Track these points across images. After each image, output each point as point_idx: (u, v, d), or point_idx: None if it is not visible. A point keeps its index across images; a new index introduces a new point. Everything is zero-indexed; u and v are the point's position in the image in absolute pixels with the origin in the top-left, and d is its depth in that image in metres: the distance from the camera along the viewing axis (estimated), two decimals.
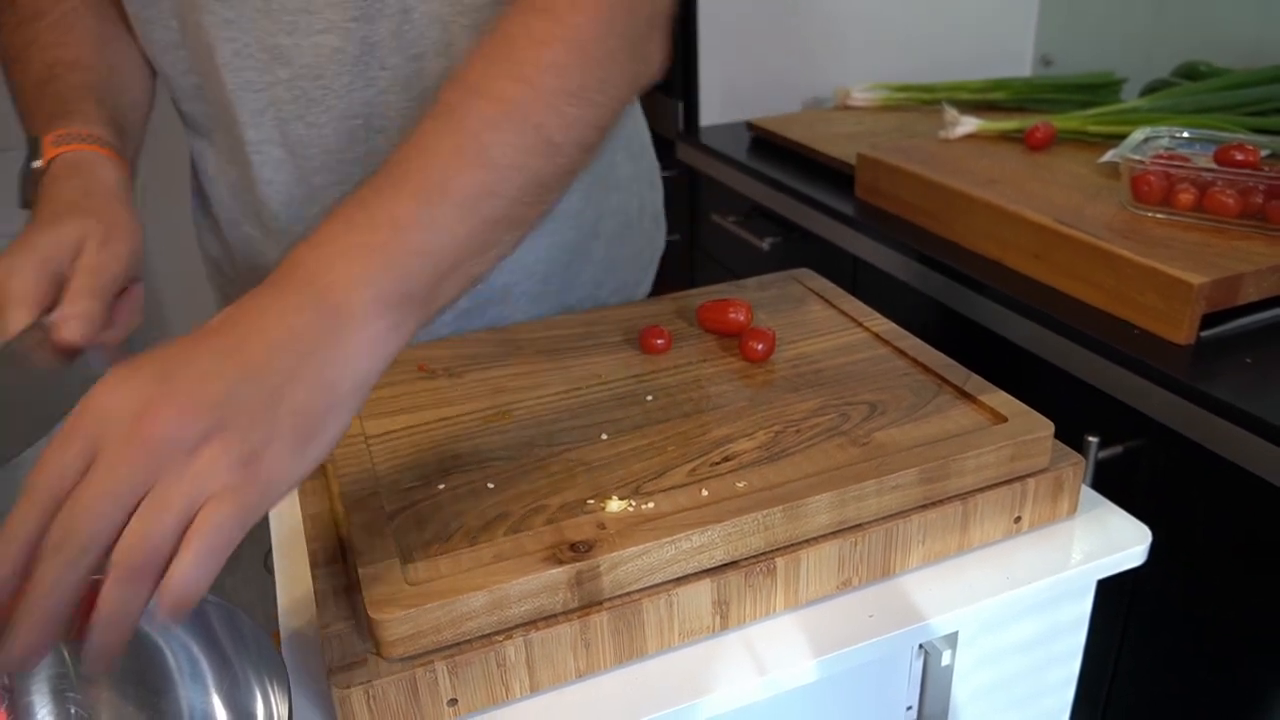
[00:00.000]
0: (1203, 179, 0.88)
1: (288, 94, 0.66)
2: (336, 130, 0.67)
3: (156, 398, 0.36)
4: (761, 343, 0.65)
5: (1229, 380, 0.74)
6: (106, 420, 0.36)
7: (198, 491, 0.36)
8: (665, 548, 0.47)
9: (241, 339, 0.39)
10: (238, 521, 0.37)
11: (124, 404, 0.36)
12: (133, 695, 0.47)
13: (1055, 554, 0.55)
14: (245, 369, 0.38)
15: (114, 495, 0.35)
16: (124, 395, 0.37)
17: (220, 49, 0.64)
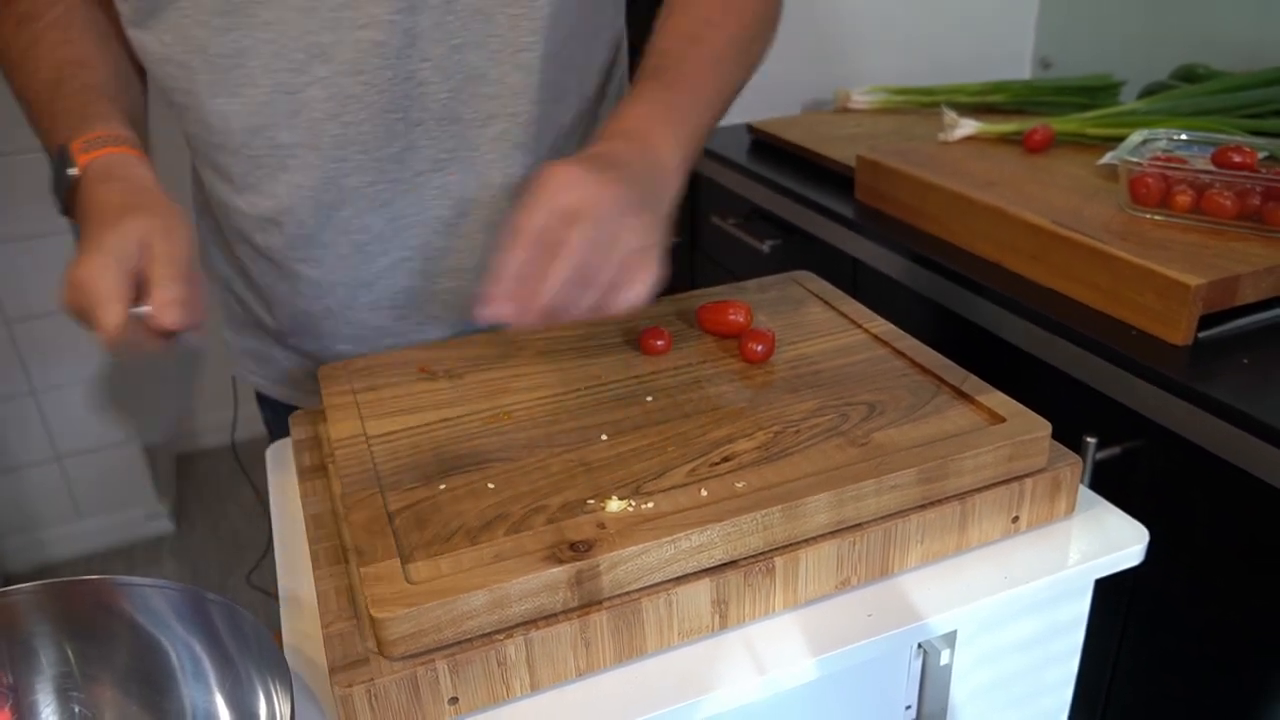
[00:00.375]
0: (1200, 181, 0.89)
1: (323, 93, 0.65)
2: (375, 126, 0.67)
3: (605, 180, 0.55)
4: (761, 344, 0.65)
5: (1226, 381, 0.75)
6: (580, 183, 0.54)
7: (632, 244, 0.55)
8: (665, 547, 0.48)
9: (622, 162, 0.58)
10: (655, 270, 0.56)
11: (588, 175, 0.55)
12: (136, 694, 0.47)
13: (1053, 554, 0.56)
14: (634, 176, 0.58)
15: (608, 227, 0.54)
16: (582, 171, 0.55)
17: (258, 51, 0.64)
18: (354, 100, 0.66)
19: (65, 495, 1.99)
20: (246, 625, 0.46)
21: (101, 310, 0.54)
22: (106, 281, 0.55)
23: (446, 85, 0.67)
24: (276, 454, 0.70)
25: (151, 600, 0.46)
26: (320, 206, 0.70)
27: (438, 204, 0.71)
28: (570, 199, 0.54)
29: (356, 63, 0.64)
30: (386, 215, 0.71)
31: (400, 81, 0.66)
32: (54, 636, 0.47)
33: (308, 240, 0.71)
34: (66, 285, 0.56)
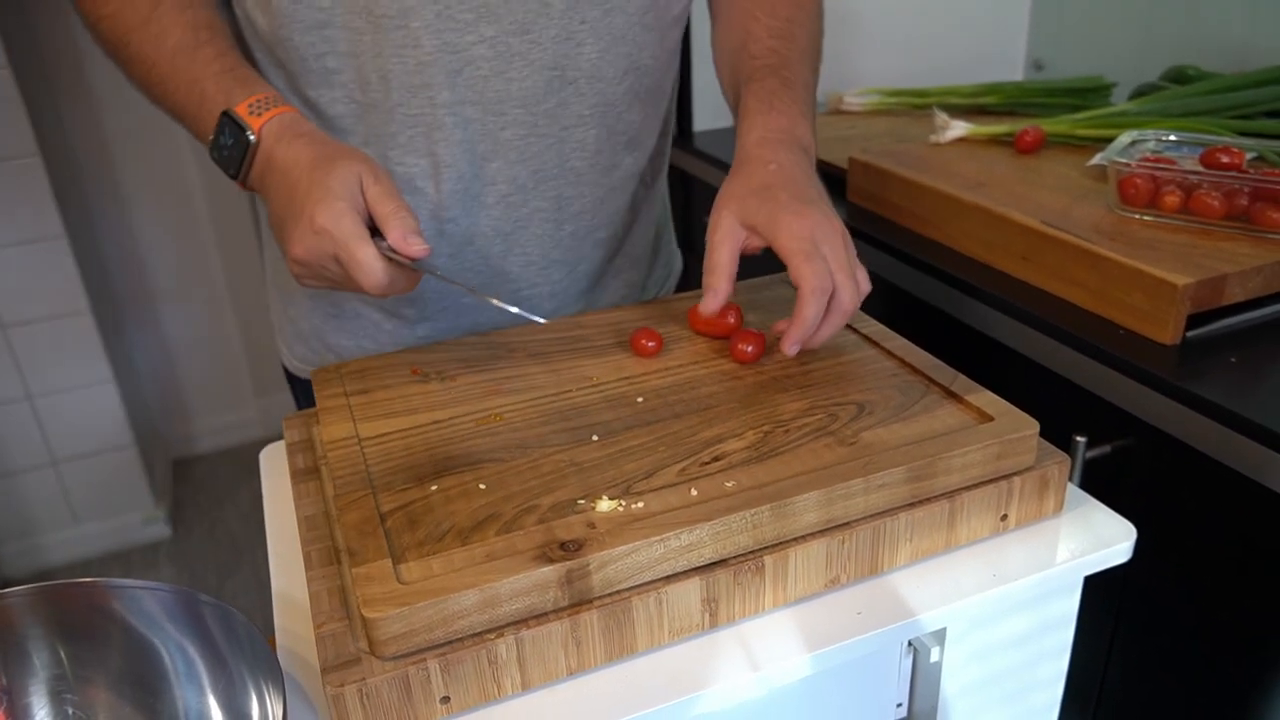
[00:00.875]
0: (1189, 181, 0.89)
1: (490, 51, 0.69)
2: (534, 83, 0.71)
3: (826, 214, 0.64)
4: (751, 344, 0.66)
5: (1214, 380, 0.75)
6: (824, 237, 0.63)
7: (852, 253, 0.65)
8: (654, 546, 0.48)
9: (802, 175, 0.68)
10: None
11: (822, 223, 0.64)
12: (129, 695, 0.47)
13: (1042, 551, 0.56)
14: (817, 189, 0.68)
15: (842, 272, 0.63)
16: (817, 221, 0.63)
17: (421, 12, 0.66)
18: (519, 58, 0.70)
19: (62, 500, 1.99)
20: (239, 626, 0.46)
21: (357, 249, 0.58)
22: (348, 225, 0.59)
23: (598, 45, 0.72)
24: (270, 456, 0.70)
25: (144, 602, 0.47)
26: (475, 159, 0.74)
27: (575, 156, 0.77)
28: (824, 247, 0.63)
29: (524, 22, 0.69)
30: (533, 167, 0.76)
31: (561, 40, 0.71)
32: (47, 639, 0.47)
33: (457, 193, 0.75)
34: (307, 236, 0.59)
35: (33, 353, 1.84)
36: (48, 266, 1.79)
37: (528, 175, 0.76)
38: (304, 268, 0.62)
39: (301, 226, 0.60)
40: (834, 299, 0.62)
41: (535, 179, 0.76)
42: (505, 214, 0.77)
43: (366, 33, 0.68)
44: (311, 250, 0.60)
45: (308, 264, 0.61)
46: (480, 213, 0.76)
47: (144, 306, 2.19)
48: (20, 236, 1.76)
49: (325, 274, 0.62)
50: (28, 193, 1.74)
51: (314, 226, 0.59)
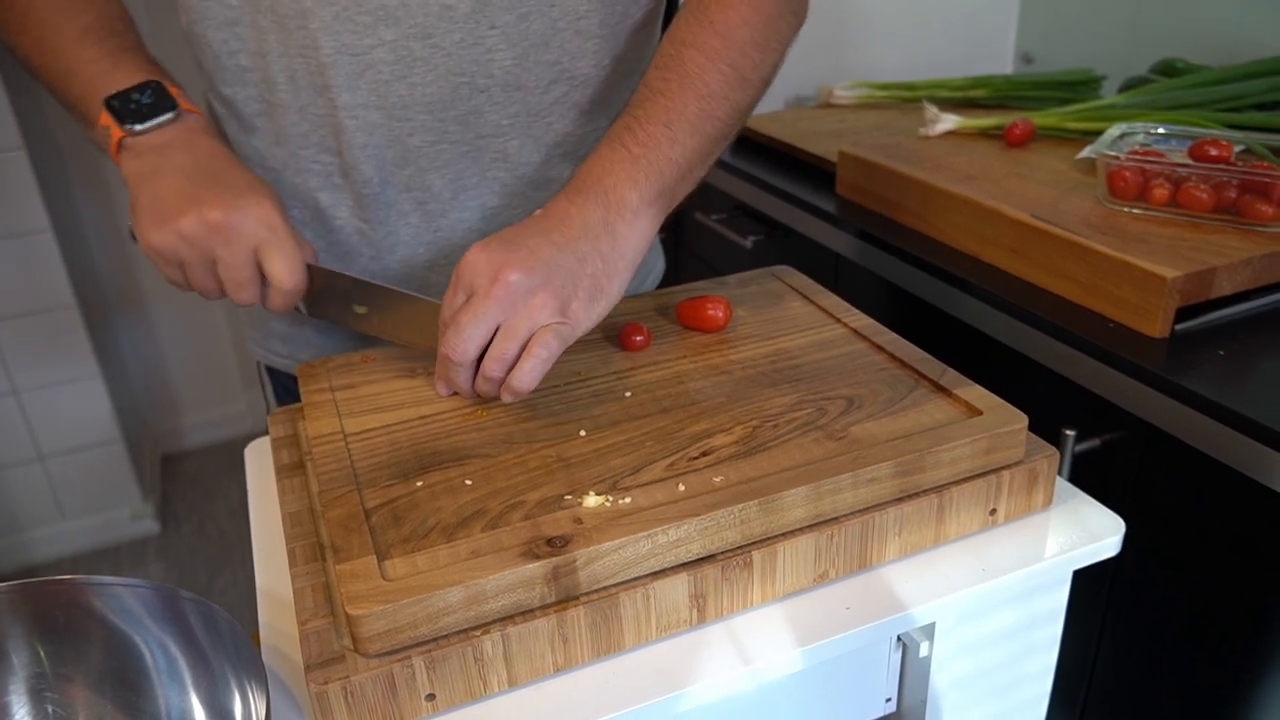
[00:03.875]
0: (1177, 174, 0.89)
1: (391, 55, 0.67)
2: (440, 89, 0.69)
3: (507, 262, 0.55)
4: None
5: (1203, 373, 0.75)
6: (474, 277, 0.56)
7: (532, 325, 0.55)
8: (642, 542, 0.48)
9: (555, 225, 0.58)
10: (558, 346, 0.55)
11: (485, 267, 0.55)
12: (110, 694, 0.47)
13: (1031, 545, 0.56)
14: (559, 245, 0.57)
15: (480, 327, 0.55)
16: (484, 261, 0.56)
17: (319, 13, 0.65)
18: (421, 63, 0.68)
19: (49, 496, 1.97)
20: (221, 624, 0.46)
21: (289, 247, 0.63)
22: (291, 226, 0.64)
23: (512, 53, 0.69)
24: (256, 452, 0.69)
25: (125, 600, 0.46)
26: (384, 164, 0.72)
27: (497, 166, 0.74)
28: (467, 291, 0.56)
29: (425, 26, 0.67)
30: (449, 175, 0.73)
31: (468, 46, 0.68)
32: (26, 638, 0.46)
33: (374, 199, 0.73)
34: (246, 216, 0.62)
35: (19, 347, 1.83)
36: (33, 261, 1.77)
37: (444, 184, 0.74)
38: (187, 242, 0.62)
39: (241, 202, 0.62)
40: None
41: (454, 189, 0.74)
42: (425, 223, 0.75)
43: (271, 32, 0.67)
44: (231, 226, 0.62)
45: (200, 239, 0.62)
46: (399, 220, 0.75)
47: (131, 300, 2.18)
48: (5, 230, 1.74)
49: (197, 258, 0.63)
50: (12, 186, 1.72)
51: (257, 213, 0.62)
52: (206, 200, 0.62)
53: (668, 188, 0.62)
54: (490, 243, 0.57)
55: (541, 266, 0.55)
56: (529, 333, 0.55)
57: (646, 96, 0.64)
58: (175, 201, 0.62)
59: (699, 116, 0.63)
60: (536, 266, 0.55)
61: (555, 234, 0.57)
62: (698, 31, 0.65)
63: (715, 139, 0.65)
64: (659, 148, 0.61)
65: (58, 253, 1.78)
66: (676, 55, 0.65)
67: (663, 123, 0.62)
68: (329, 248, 0.77)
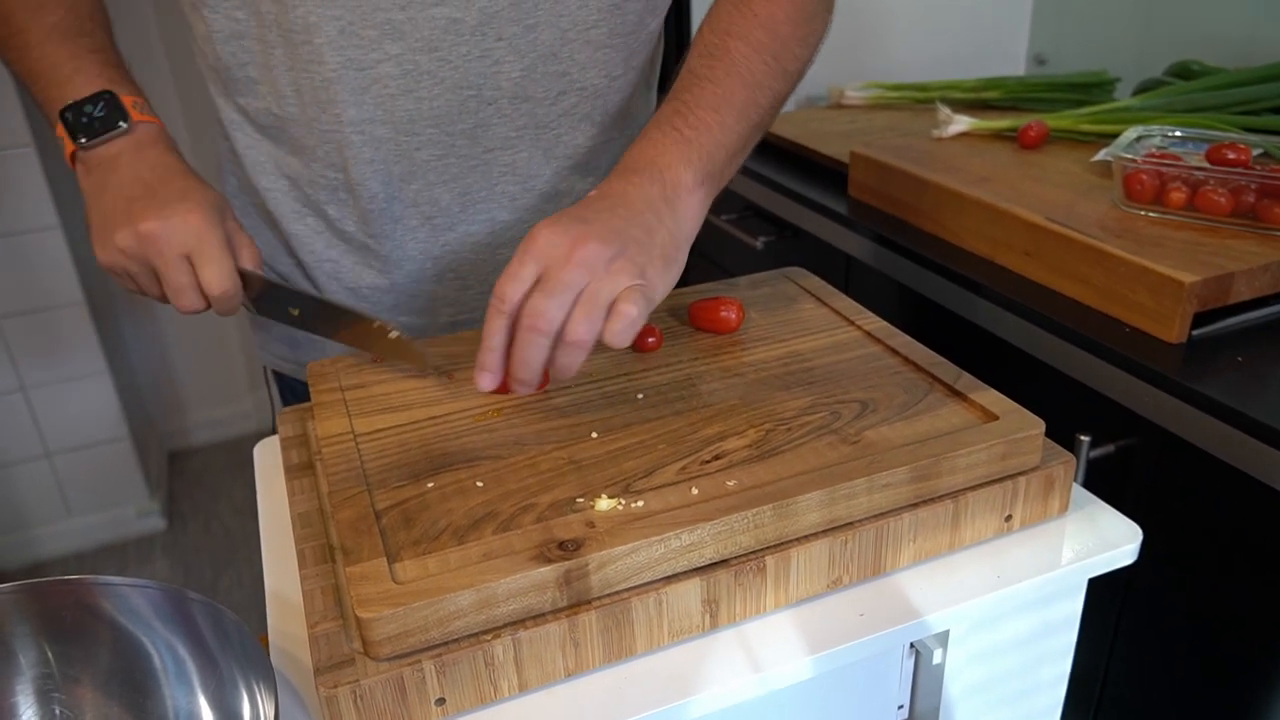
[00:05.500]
0: (1194, 178, 0.88)
1: (397, 69, 0.67)
2: (448, 102, 0.69)
3: (583, 234, 0.54)
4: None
5: (1220, 379, 0.74)
6: (550, 250, 0.54)
7: (613, 291, 0.54)
8: (654, 546, 0.47)
9: (618, 202, 0.58)
10: (645, 306, 0.54)
11: (561, 239, 0.54)
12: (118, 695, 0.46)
13: (1046, 552, 0.55)
14: (627, 219, 0.57)
15: (566, 295, 0.53)
16: (558, 234, 0.54)
17: (324, 28, 0.65)
18: (428, 76, 0.67)
19: (56, 493, 1.98)
20: (229, 625, 0.45)
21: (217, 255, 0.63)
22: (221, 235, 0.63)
23: (520, 64, 0.69)
24: (265, 451, 0.69)
25: (133, 600, 0.46)
26: (391, 179, 0.71)
27: (505, 179, 0.73)
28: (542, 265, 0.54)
29: (431, 39, 0.66)
30: (456, 189, 0.73)
31: (475, 59, 0.67)
32: (34, 638, 0.46)
33: (380, 214, 0.73)
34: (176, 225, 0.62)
35: (27, 344, 1.83)
36: (42, 257, 1.77)
37: (452, 198, 0.73)
38: (126, 256, 0.63)
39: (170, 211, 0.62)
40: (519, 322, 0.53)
41: (462, 202, 0.73)
42: (432, 237, 0.74)
43: (278, 46, 0.67)
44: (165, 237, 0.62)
45: (137, 252, 0.63)
46: (405, 235, 0.74)
47: (138, 298, 2.18)
48: (14, 227, 1.75)
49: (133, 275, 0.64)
50: (21, 183, 1.72)
51: (188, 221, 0.62)
52: (138, 213, 0.63)
53: (716, 170, 0.64)
54: (559, 219, 0.55)
55: (616, 237, 0.55)
56: (612, 296, 0.53)
57: (693, 82, 0.65)
58: (115, 216, 0.64)
59: (745, 104, 0.65)
60: (612, 238, 0.55)
61: (621, 209, 0.57)
62: (741, 22, 0.67)
63: (758, 126, 0.67)
64: (710, 132, 0.63)
65: (66, 250, 1.78)
66: (721, 45, 0.66)
67: (712, 108, 0.64)
68: (340, 258, 0.77)
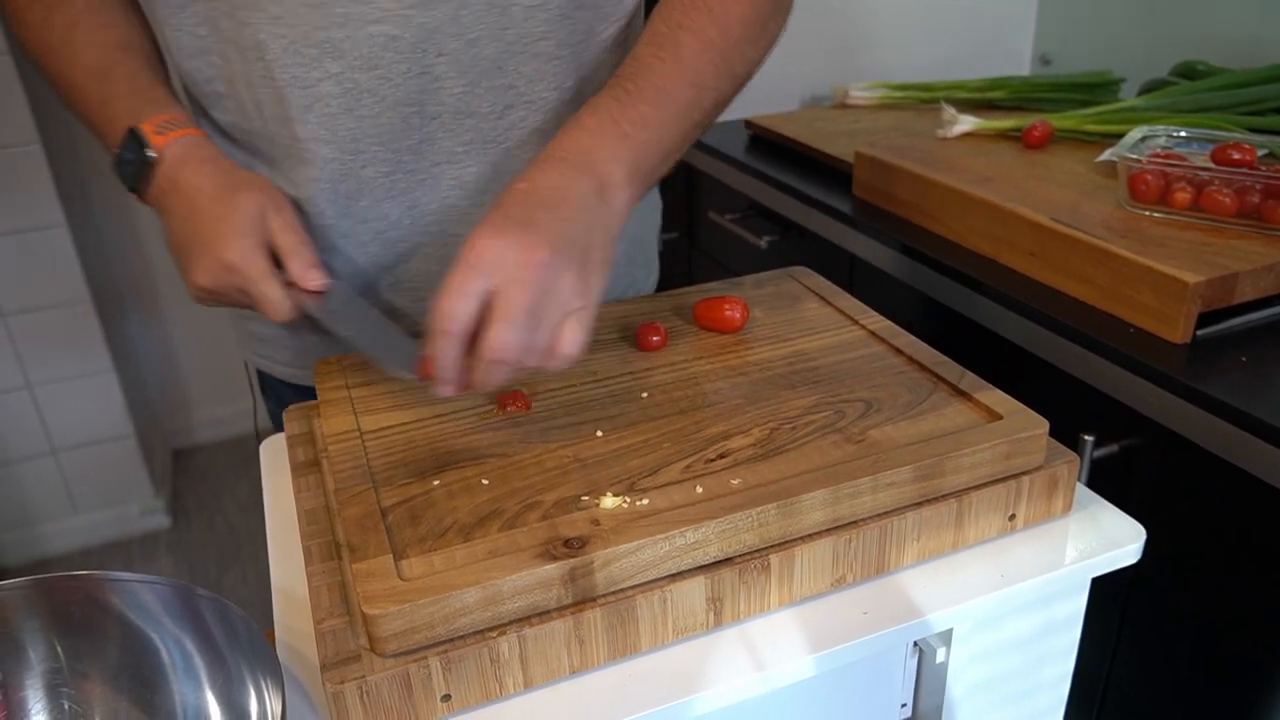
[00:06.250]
0: (1199, 178, 0.88)
1: (337, 88, 0.66)
2: (390, 120, 0.68)
3: (532, 244, 0.51)
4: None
5: (1225, 379, 0.75)
6: (498, 263, 0.50)
7: (563, 313, 0.52)
8: (659, 544, 0.47)
9: (558, 199, 0.54)
10: (585, 335, 0.53)
11: (509, 250, 0.51)
12: (126, 690, 0.47)
13: (1050, 552, 0.55)
14: (569, 220, 0.54)
15: (526, 323, 0.50)
16: (505, 244, 0.51)
17: (270, 46, 0.64)
18: (368, 94, 0.66)
19: (61, 490, 1.98)
20: (237, 621, 0.46)
21: (265, 287, 0.61)
22: (257, 263, 0.61)
23: (462, 80, 0.67)
24: (271, 449, 0.69)
25: (142, 596, 0.46)
26: (338, 197, 0.71)
27: (454, 193, 0.72)
28: (493, 280, 0.51)
29: (370, 57, 0.65)
30: (404, 204, 0.72)
31: (415, 76, 0.66)
32: (44, 633, 0.46)
33: (330, 230, 0.72)
34: (214, 269, 0.61)
35: (33, 342, 1.83)
36: (48, 255, 1.78)
37: (401, 211, 0.72)
38: (208, 294, 0.64)
39: (208, 259, 0.61)
40: (478, 344, 0.51)
41: (411, 215, 0.73)
42: (384, 249, 0.74)
43: (237, 62, 0.67)
44: (219, 283, 0.62)
45: (213, 292, 0.63)
46: (356, 249, 0.74)
47: (144, 296, 2.18)
48: (20, 225, 1.75)
49: (229, 301, 0.64)
50: (28, 181, 1.73)
51: (223, 262, 0.61)
52: (189, 263, 0.63)
53: (648, 169, 0.61)
54: (502, 225, 0.52)
55: (564, 246, 0.52)
56: (561, 318, 0.52)
57: (638, 71, 0.62)
58: (179, 262, 0.65)
59: (687, 104, 0.62)
60: (560, 246, 0.52)
61: (562, 209, 0.54)
62: (695, 16, 0.64)
63: (697, 127, 0.64)
64: (648, 128, 0.60)
65: (72, 248, 1.79)
66: (671, 37, 0.63)
67: (653, 104, 0.61)
68: None
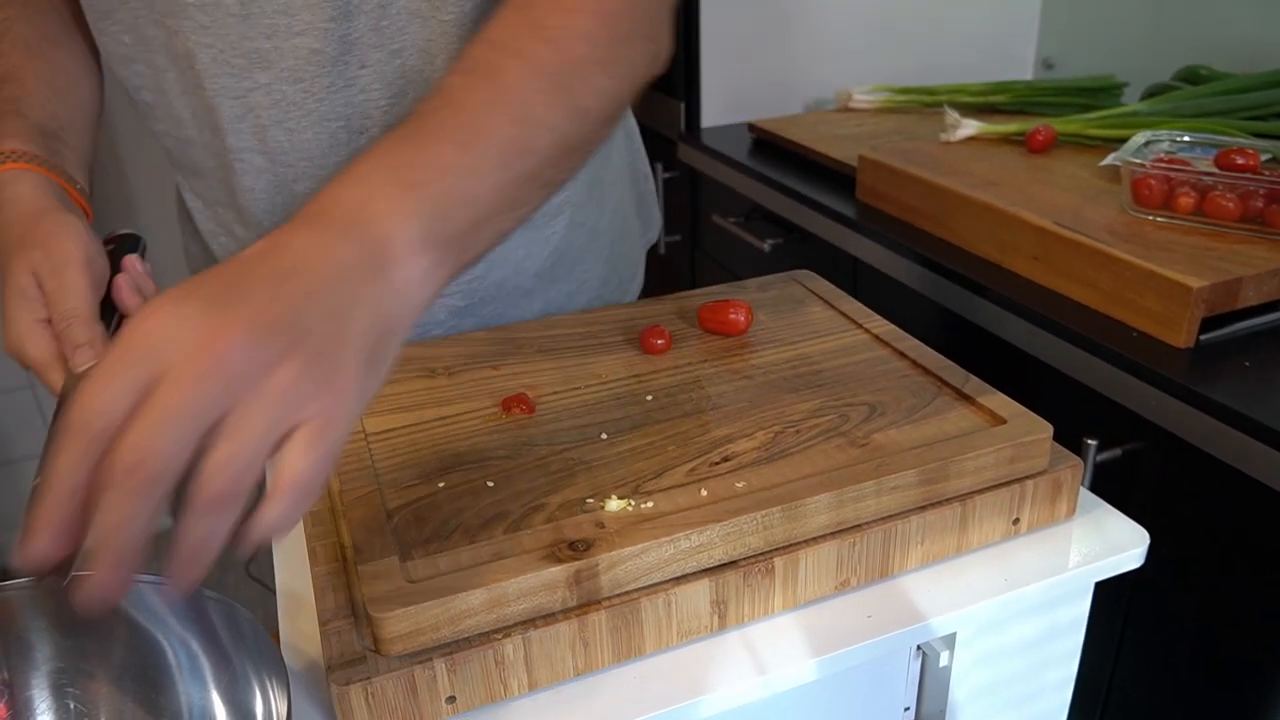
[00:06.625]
0: (1203, 183, 0.88)
1: (267, 99, 0.64)
2: (317, 134, 0.66)
3: (221, 323, 0.34)
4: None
5: (1228, 384, 0.75)
6: (163, 348, 0.33)
7: (281, 414, 0.34)
8: (664, 547, 0.47)
9: (293, 267, 0.38)
10: (319, 456, 0.35)
11: (182, 331, 0.34)
12: (132, 690, 0.47)
13: (1053, 556, 0.56)
14: (306, 293, 0.37)
15: (187, 419, 0.33)
16: (179, 322, 0.34)
17: (199, 55, 0.63)
18: (295, 108, 0.65)
19: None
20: (244, 623, 0.46)
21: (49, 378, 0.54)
22: (36, 348, 0.54)
23: (387, 92, 0.65)
24: None
25: (148, 597, 0.46)
26: (274, 210, 0.70)
27: None
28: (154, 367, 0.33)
29: (295, 70, 0.63)
30: None
31: (340, 89, 0.64)
32: (49, 632, 0.46)
33: None
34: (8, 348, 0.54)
35: None
36: None
37: None
38: None
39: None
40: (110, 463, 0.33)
41: None
42: None
43: (169, 70, 0.66)
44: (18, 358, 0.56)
45: None
46: None
47: None
48: None
49: None
50: None
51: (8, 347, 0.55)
52: None
53: (457, 234, 0.43)
54: (190, 293, 0.35)
55: (281, 328, 0.35)
56: (274, 428, 0.34)
57: (438, 106, 0.47)
58: None
59: (510, 146, 0.46)
60: (273, 328, 0.35)
61: (294, 280, 0.37)
62: (520, 34, 0.50)
63: (530, 180, 0.48)
64: (447, 176, 0.44)
65: None
66: (490, 61, 0.49)
67: (458, 143, 0.45)
68: None
